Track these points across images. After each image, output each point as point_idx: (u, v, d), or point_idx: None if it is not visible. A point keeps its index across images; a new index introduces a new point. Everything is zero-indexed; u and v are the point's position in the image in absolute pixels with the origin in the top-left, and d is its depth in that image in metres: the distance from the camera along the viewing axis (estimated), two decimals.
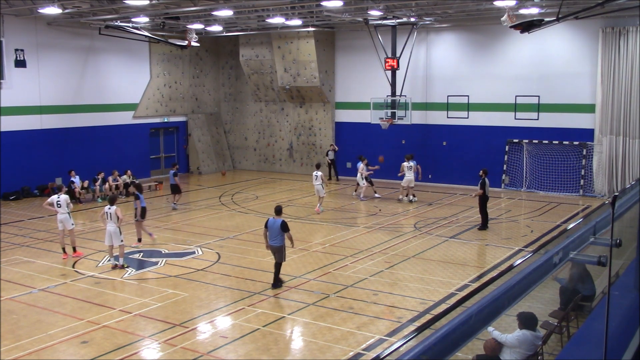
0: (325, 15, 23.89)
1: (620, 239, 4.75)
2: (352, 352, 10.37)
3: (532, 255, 4.90)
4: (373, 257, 16.07)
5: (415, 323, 11.56)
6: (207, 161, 32.74)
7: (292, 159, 31.84)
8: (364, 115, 28.10)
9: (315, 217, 21.23)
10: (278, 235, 13.28)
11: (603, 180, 23.99)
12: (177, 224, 20.31)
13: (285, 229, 13.27)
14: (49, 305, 12.75)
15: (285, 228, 13.29)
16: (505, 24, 20.00)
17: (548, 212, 21.81)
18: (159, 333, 11.27)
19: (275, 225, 13.26)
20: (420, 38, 27.08)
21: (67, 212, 16.01)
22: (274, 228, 13.28)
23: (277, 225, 13.25)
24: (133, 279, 14.48)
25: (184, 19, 24.84)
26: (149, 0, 19.26)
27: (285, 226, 13.29)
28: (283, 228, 13.26)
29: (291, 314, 12.17)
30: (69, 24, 25.28)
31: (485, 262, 15.57)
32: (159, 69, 30.43)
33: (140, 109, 29.61)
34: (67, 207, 16.05)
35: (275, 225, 13.27)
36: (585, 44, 24.16)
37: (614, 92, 23.42)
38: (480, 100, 26.42)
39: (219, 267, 15.27)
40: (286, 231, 13.29)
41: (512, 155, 26.10)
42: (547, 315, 9.26)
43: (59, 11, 20.69)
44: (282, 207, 13.72)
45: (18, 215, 21.60)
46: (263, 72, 31.10)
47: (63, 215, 15.96)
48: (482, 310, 3.91)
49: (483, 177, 18.71)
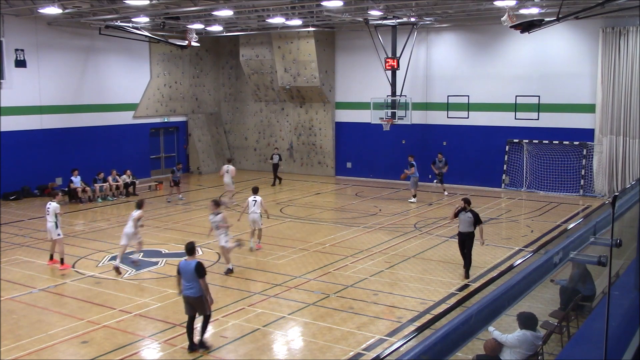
0: (325, 15, 23.89)
1: (620, 239, 4.74)
2: (352, 352, 10.37)
3: (532, 255, 4.90)
4: (373, 257, 16.07)
5: (415, 323, 11.56)
6: (207, 161, 32.74)
7: (292, 159, 31.84)
8: (364, 115, 28.09)
9: (315, 217, 21.22)
10: (194, 282, 10.19)
11: (603, 180, 23.99)
12: (177, 224, 20.31)
13: (201, 273, 10.18)
14: (49, 305, 12.75)
15: (201, 272, 10.19)
16: (506, 24, 20.00)
17: (548, 212, 21.81)
18: (159, 333, 11.28)
19: (189, 269, 10.24)
20: (420, 38, 27.08)
21: (53, 221, 15.03)
22: (187, 272, 10.25)
23: (191, 269, 10.21)
24: (133, 279, 14.47)
25: (184, 19, 24.83)
26: (149, 0, 19.27)
27: (202, 270, 10.22)
28: (198, 272, 10.17)
29: (291, 314, 12.17)
30: (69, 24, 25.27)
31: (485, 262, 15.57)
32: (159, 69, 30.43)
33: (140, 109, 29.61)
34: (54, 217, 15.05)
35: (189, 268, 10.24)
36: (585, 44, 24.16)
37: (614, 92, 23.42)
38: (480, 100, 26.41)
39: (219, 267, 15.26)
40: (202, 276, 10.19)
41: (512, 155, 26.09)
42: (547, 315, 9.26)
43: (59, 11, 20.69)
44: (194, 244, 10.68)
45: (18, 215, 21.60)
46: (263, 72, 31.10)
47: (50, 223, 15.15)
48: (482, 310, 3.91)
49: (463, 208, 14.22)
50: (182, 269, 10.34)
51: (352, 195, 25.81)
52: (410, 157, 24.01)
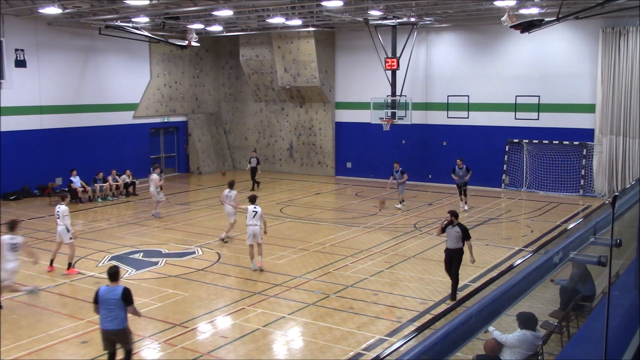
0: (325, 15, 23.90)
1: (620, 239, 4.74)
2: (352, 352, 10.37)
3: (532, 255, 4.90)
4: (373, 257, 16.07)
5: (415, 323, 11.56)
6: (207, 161, 32.74)
7: (292, 159, 31.84)
8: (364, 115, 28.09)
9: (315, 217, 21.23)
10: (118, 311, 8.79)
11: (603, 180, 23.99)
12: (177, 224, 20.31)
13: (128, 300, 8.85)
14: (49, 305, 12.75)
15: (129, 299, 8.87)
16: (506, 24, 20.00)
17: (548, 212, 21.81)
18: (159, 333, 11.28)
19: (112, 297, 8.79)
20: (420, 38, 27.08)
21: (64, 224, 14.66)
22: (110, 301, 8.79)
23: (115, 297, 8.78)
24: (133, 279, 14.48)
25: (184, 19, 24.84)
26: (149, 0, 19.27)
27: (129, 297, 8.87)
28: (126, 300, 8.82)
29: (291, 314, 12.17)
30: (69, 24, 25.27)
31: (485, 262, 15.57)
32: (159, 69, 30.43)
33: (140, 108, 29.61)
34: (64, 219, 14.68)
35: (113, 296, 8.79)
36: (585, 44, 24.16)
37: (614, 92, 23.42)
38: (480, 100, 26.42)
39: (219, 267, 15.27)
40: (129, 304, 8.87)
41: (512, 155, 26.10)
42: (547, 315, 9.26)
43: (59, 11, 20.69)
44: (118, 268, 9.27)
45: (18, 215, 21.49)
46: (263, 72, 31.10)
47: (60, 227, 14.73)
48: (482, 310, 3.91)
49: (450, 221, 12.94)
50: (102, 297, 8.81)
51: (352, 195, 25.81)
52: (396, 164, 22.27)
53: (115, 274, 9.01)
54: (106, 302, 8.79)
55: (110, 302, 8.77)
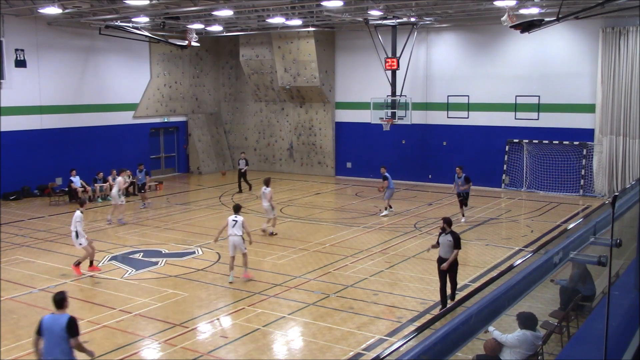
0: (325, 15, 23.89)
1: (620, 239, 4.74)
2: (352, 352, 10.37)
3: (532, 255, 4.89)
4: (373, 257, 16.07)
5: (415, 323, 11.56)
6: (207, 161, 32.74)
7: (292, 159, 31.85)
8: (364, 115, 28.09)
9: (315, 217, 21.23)
10: (63, 343, 7.65)
11: (603, 180, 23.99)
12: (177, 224, 20.31)
13: (73, 331, 7.69)
14: (49, 305, 12.68)
15: (74, 331, 7.71)
16: (506, 24, 20.00)
17: (548, 212, 21.81)
18: (159, 333, 11.28)
19: (58, 327, 7.65)
20: (420, 38, 27.08)
21: (74, 230, 14.68)
22: (56, 332, 7.65)
23: (60, 327, 7.64)
24: (133, 279, 14.48)
25: (184, 19, 24.83)
26: (149, 0, 19.27)
27: (74, 327, 7.72)
28: (70, 331, 7.65)
29: (291, 314, 12.17)
30: (69, 24, 25.27)
31: (485, 262, 15.57)
32: (159, 69, 30.43)
33: (140, 108, 29.61)
34: (75, 225, 14.67)
35: (57, 325, 7.66)
36: (585, 44, 24.16)
37: (614, 92, 23.42)
38: (480, 100, 26.42)
39: (219, 267, 15.27)
40: (74, 336, 7.70)
41: (512, 155, 26.09)
42: (547, 315, 9.26)
43: (59, 11, 20.69)
44: (65, 294, 8.04)
45: (18, 215, 21.60)
46: (263, 72, 31.10)
47: (72, 232, 14.79)
48: (482, 310, 3.91)
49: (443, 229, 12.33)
50: (46, 327, 7.71)
51: (352, 195, 25.81)
52: (383, 169, 21.79)
53: (61, 300, 7.90)
54: (50, 333, 7.67)
55: (54, 333, 7.63)
